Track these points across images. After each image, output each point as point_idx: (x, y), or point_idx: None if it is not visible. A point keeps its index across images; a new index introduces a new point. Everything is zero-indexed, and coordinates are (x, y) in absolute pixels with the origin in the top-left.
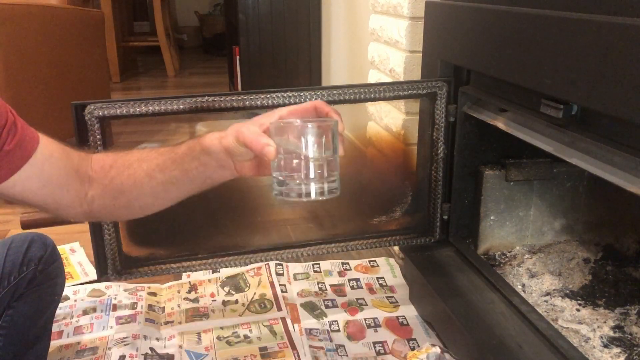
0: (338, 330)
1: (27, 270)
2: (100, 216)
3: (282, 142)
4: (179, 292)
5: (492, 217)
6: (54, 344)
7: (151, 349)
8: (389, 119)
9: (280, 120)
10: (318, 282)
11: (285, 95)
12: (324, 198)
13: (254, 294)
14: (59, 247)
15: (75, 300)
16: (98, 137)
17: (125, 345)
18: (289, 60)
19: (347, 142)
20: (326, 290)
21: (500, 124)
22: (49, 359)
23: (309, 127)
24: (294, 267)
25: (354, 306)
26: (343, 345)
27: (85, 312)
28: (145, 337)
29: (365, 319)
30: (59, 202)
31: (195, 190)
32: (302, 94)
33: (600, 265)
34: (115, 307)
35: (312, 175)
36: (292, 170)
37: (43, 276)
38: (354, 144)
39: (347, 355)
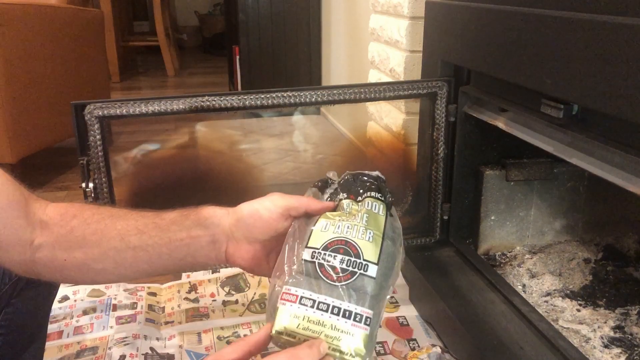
0: None
1: None
2: (42, 272)
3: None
4: (179, 292)
5: (492, 217)
6: (54, 344)
7: (151, 348)
8: (389, 119)
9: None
10: None
11: (285, 95)
12: None
13: (254, 294)
14: None
15: (75, 300)
16: (98, 137)
17: (125, 345)
18: (289, 60)
19: (347, 142)
20: None
21: (501, 123)
22: (49, 359)
23: None
24: None
25: None
26: None
27: (85, 312)
28: (145, 337)
29: None
30: None
31: (167, 268)
32: (302, 94)
33: (601, 265)
34: (115, 307)
35: None
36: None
37: None
38: (354, 144)
39: None
